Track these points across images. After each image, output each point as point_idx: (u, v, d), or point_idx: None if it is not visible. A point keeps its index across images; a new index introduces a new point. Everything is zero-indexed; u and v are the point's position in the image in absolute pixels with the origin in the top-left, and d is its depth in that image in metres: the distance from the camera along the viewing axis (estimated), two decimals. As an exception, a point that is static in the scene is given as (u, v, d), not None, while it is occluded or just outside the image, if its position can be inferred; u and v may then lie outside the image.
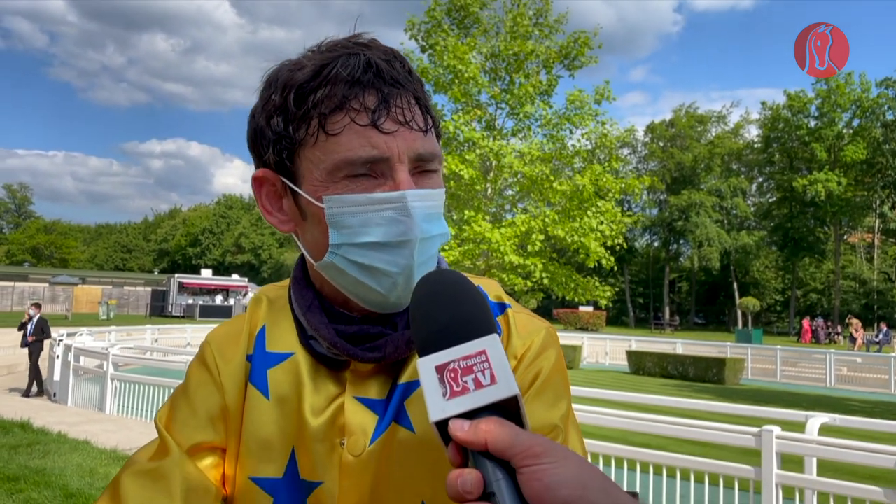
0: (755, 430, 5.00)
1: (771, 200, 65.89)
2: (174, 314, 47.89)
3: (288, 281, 0.98)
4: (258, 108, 0.87)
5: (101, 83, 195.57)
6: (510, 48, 19.24)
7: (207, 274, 55.61)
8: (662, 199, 68.86)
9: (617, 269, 24.25)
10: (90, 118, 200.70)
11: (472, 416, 0.60)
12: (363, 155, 0.80)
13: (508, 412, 0.61)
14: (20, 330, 14.36)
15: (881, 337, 35.00)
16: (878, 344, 34.52)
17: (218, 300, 51.13)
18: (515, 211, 20.63)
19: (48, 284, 50.91)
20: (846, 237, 62.65)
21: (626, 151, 67.40)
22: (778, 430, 4.93)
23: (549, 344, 0.91)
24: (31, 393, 13.61)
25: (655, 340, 28.08)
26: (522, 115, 19.62)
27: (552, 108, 19.74)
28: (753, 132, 68.36)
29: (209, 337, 0.97)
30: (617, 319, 68.10)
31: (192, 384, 0.93)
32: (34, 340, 13.86)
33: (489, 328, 0.65)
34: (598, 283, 19.01)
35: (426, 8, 19.62)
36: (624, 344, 25.30)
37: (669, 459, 5.43)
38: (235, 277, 57.02)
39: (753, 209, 67.07)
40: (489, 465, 0.58)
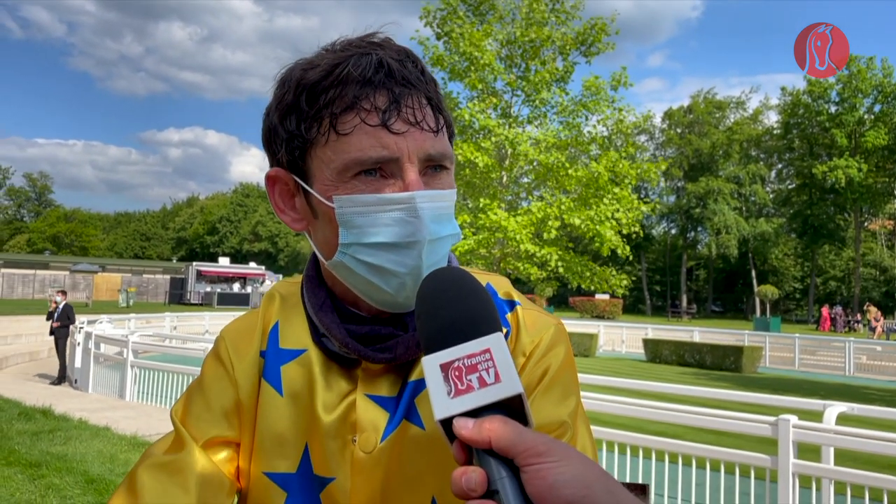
0: (772, 419, 4.98)
1: (790, 187, 65.19)
2: (192, 302, 48.24)
3: (300, 277, 0.99)
4: (272, 106, 0.88)
5: (119, 72, 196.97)
6: (526, 35, 19.09)
7: (225, 262, 55.92)
8: (680, 186, 68.33)
9: (634, 256, 24.16)
10: (109, 107, 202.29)
11: (476, 414, 0.61)
12: (373, 155, 0.80)
13: (513, 411, 0.62)
14: (49, 319, 14.50)
15: (901, 325, 34.65)
16: (898, 332, 34.18)
17: (235, 288, 51.43)
18: (531, 199, 20.57)
19: (69, 272, 51.43)
20: (867, 224, 61.91)
21: (643, 138, 66.90)
22: (795, 419, 4.90)
23: (557, 340, 0.91)
24: (63, 379, 13.83)
25: (672, 328, 27.94)
26: (538, 102, 19.52)
27: (568, 95, 19.63)
28: (773, 118, 67.61)
29: (223, 332, 0.99)
30: (634, 307, 67.82)
31: (206, 379, 0.94)
32: (59, 326, 14.05)
33: (494, 326, 0.65)
34: (614, 271, 18.93)
35: (441, -5, 19.51)
36: (640, 332, 25.20)
37: (686, 448, 5.42)
38: (252, 265, 57.29)
39: (772, 196, 66.39)
40: (493, 463, 0.58)
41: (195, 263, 53.16)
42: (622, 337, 25.56)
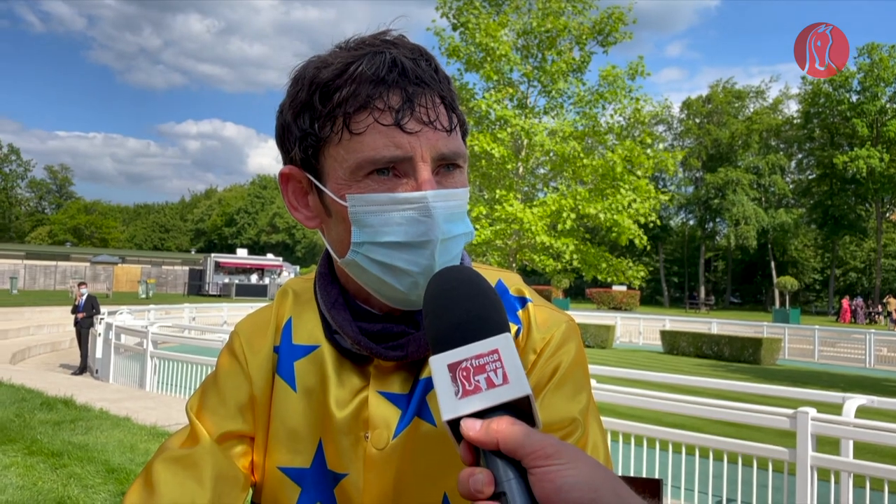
0: (790, 411, 4.94)
1: (811, 177, 64.44)
2: (211, 293, 48.61)
3: (313, 273, 0.99)
4: (285, 104, 0.88)
5: (138, 65, 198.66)
6: (542, 25, 18.95)
7: (243, 253, 56.33)
8: (698, 176, 67.76)
9: (651, 248, 23.98)
10: (128, 100, 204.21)
11: (483, 415, 0.60)
12: (386, 154, 0.80)
13: (521, 412, 0.61)
14: (74, 312, 14.66)
15: (923, 317, 34.21)
16: (920, 324, 33.75)
17: (253, 279, 51.80)
18: (546, 190, 20.47)
19: (89, 264, 51.90)
20: (888, 215, 61.03)
21: (661, 128, 66.38)
22: (813, 411, 4.86)
23: (569, 337, 0.91)
24: (85, 370, 14.00)
25: (690, 320, 27.77)
26: (555, 92, 19.39)
27: (585, 85, 19.48)
28: (793, 108, 66.88)
29: (238, 327, 1.00)
30: (651, 299, 67.48)
31: (221, 373, 0.95)
32: (84, 317, 14.20)
33: (502, 327, 0.65)
34: (631, 263, 18.82)
35: (458, -15, 19.41)
36: (658, 323, 25.07)
37: (704, 440, 5.40)
38: (270, 257, 57.64)
39: (792, 186, 65.66)
40: (500, 464, 0.58)
41: (213, 255, 53.57)
42: (639, 328, 25.46)
